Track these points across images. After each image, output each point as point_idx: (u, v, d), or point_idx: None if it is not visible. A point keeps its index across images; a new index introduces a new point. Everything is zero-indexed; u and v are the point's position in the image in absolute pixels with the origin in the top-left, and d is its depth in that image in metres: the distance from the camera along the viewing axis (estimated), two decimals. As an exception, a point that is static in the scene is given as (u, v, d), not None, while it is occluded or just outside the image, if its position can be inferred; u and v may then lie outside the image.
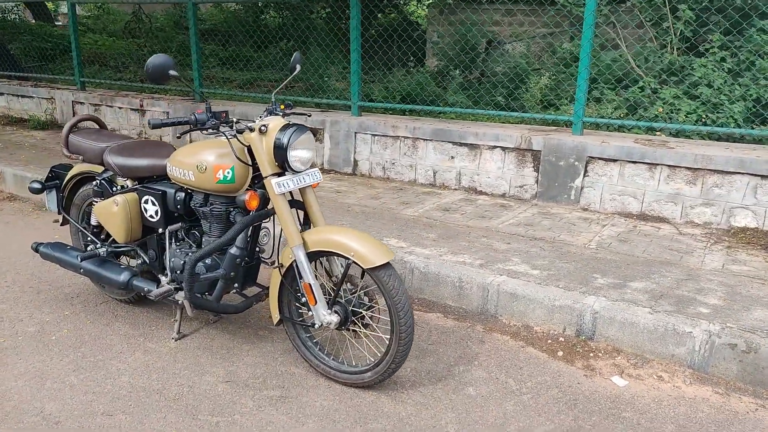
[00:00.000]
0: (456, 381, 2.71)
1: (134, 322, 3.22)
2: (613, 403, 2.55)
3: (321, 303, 2.54)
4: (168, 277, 2.85)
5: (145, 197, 2.89)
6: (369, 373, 2.57)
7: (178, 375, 2.74)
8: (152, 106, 7.37)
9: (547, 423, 2.41)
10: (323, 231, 2.55)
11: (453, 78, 8.61)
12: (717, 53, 5.72)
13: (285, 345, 2.99)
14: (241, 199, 2.51)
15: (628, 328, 2.86)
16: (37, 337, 3.05)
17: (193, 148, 2.69)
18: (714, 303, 2.99)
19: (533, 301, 3.10)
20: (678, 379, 2.70)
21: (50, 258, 3.23)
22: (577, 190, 4.74)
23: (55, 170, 3.41)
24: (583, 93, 4.82)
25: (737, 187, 4.19)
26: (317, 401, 2.56)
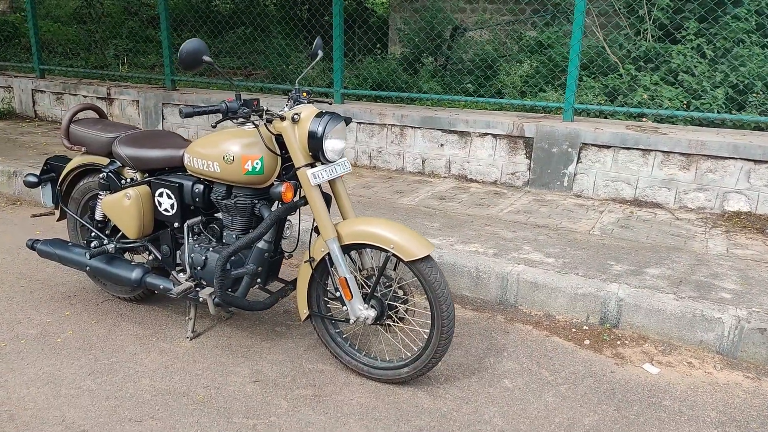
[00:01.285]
0: (490, 373, 2.67)
1: (142, 321, 3.06)
2: (651, 391, 2.55)
3: (357, 297, 2.45)
4: (187, 273, 2.71)
5: (160, 190, 2.73)
6: (406, 368, 2.50)
7: (202, 376, 2.61)
8: (120, 95, 7.05)
9: (591, 414, 2.40)
10: (358, 223, 2.45)
11: (424, 65, 8.57)
12: (693, 40, 5.83)
13: (307, 341, 2.90)
14: (277, 191, 2.39)
15: (655, 315, 2.87)
16: (40, 340, 2.86)
17: (215, 138, 2.55)
18: (732, 288, 3.03)
19: (555, 289, 3.09)
20: (708, 365, 2.74)
21: (50, 256, 3.03)
22: (570, 177, 4.76)
23: (51, 162, 3.19)
24: (574, 80, 4.84)
25: (730, 172, 4.28)
26: (353, 399, 2.48)
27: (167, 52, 6.78)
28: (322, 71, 8.26)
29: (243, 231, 2.64)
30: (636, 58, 6.11)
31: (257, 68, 10.77)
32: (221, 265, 2.44)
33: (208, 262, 2.63)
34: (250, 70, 10.99)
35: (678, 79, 5.59)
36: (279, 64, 8.88)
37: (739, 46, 5.67)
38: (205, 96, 6.38)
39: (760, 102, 5.33)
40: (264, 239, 2.53)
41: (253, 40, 10.08)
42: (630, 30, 6.74)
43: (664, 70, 5.78)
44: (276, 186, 2.40)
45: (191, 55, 2.19)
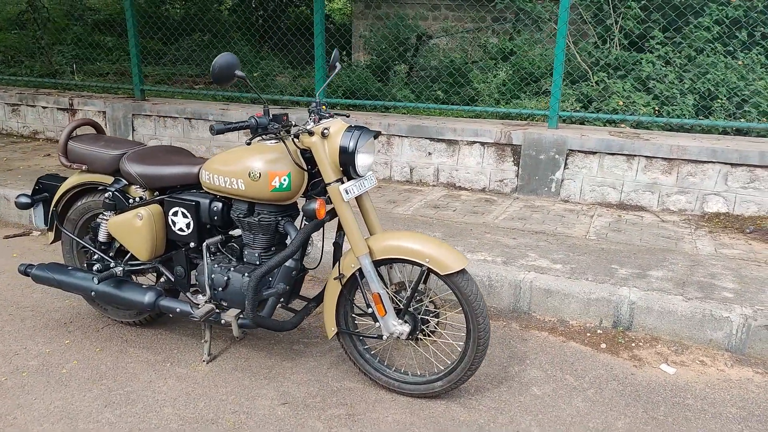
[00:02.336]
0: (517, 382, 2.68)
1: (151, 346, 2.94)
2: (673, 391, 2.63)
3: (391, 313, 2.43)
4: (207, 294, 2.61)
5: (175, 209, 2.63)
6: (440, 382, 2.49)
7: (227, 401, 2.52)
8: (85, 105, 6.77)
9: (623, 417, 2.44)
10: (389, 237, 2.43)
11: (396, 73, 8.60)
12: (660, 49, 6.08)
13: (328, 359, 2.84)
14: (311, 208, 2.33)
15: (666, 317, 2.96)
16: (44, 372, 2.70)
17: (237, 155, 2.48)
18: (732, 287, 3.16)
19: (568, 295, 3.14)
20: (719, 363, 2.84)
21: (47, 281, 2.87)
22: (557, 183, 4.86)
23: (43, 182, 3.03)
24: (558, 87, 4.95)
25: (709, 176, 4.46)
26: (388, 416, 2.44)
27: (135, 60, 6.56)
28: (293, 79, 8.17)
29: (265, 249, 2.57)
30: (605, 66, 6.30)
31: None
32: (254, 285, 2.37)
33: (230, 282, 2.55)
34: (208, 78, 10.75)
35: (649, 86, 5.80)
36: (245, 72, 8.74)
37: (702, 54, 5.93)
38: (180, 106, 6.20)
39: (725, 108, 5.59)
40: (293, 258, 2.47)
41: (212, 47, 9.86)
42: (597, 39, 6.95)
43: (634, 78, 5.98)
44: (309, 203, 2.35)
45: (224, 70, 2.12)
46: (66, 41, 11.53)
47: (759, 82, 5.69)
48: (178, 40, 11.27)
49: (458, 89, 6.87)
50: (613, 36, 6.58)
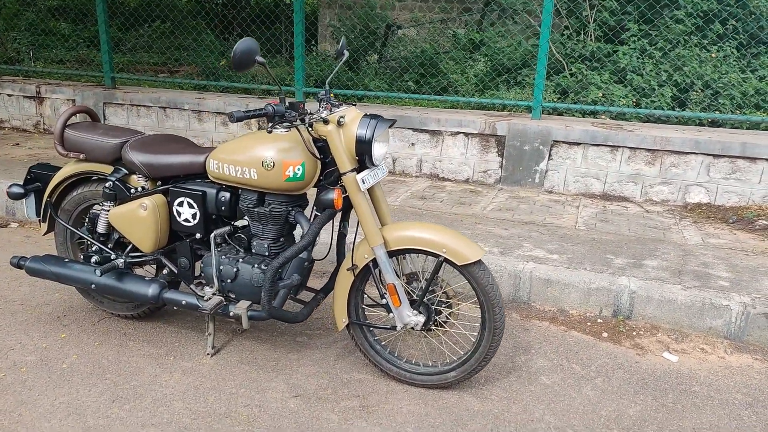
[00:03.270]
0: (525, 371, 2.71)
1: (151, 339, 2.86)
2: (678, 378, 2.69)
3: (405, 304, 2.41)
4: (214, 286, 2.55)
5: (180, 199, 2.55)
6: (453, 372, 2.49)
7: (237, 394, 2.47)
8: (53, 93, 6.55)
9: (634, 405, 2.49)
10: (403, 228, 2.41)
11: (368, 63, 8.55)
12: (636, 41, 6.18)
13: (334, 350, 2.82)
14: (329, 198, 2.29)
15: (666, 306, 3.02)
16: (43, 367, 2.61)
17: (247, 143, 2.42)
18: (726, 276, 3.25)
19: (568, 285, 3.17)
20: (719, 350, 2.91)
21: (42, 274, 2.76)
22: (541, 174, 4.91)
23: (35, 171, 2.91)
24: (542, 78, 4.99)
25: (692, 166, 4.57)
26: (402, 407, 2.44)
27: (106, 47, 6.35)
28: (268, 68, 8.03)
29: (274, 240, 2.53)
30: (583, 58, 6.38)
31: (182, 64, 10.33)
32: (271, 277, 2.32)
33: (240, 274, 2.50)
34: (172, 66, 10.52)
35: (627, 78, 5.90)
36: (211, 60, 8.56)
37: (678, 47, 6.06)
38: (154, 95, 6.05)
39: (700, 99, 5.73)
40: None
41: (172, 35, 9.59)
42: (572, 31, 7.03)
43: (611, 70, 6.07)
44: (326, 192, 2.31)
45: (245, 55, 2.06)
46: (20, 27, 11.11)
47: (731, 74, 5.85)
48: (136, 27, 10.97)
49: (429, 79, 6.86)
50: (587, 28, 6.66)
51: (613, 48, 6.20)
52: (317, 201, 2.39)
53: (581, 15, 6.73)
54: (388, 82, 7.45)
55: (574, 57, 6.51)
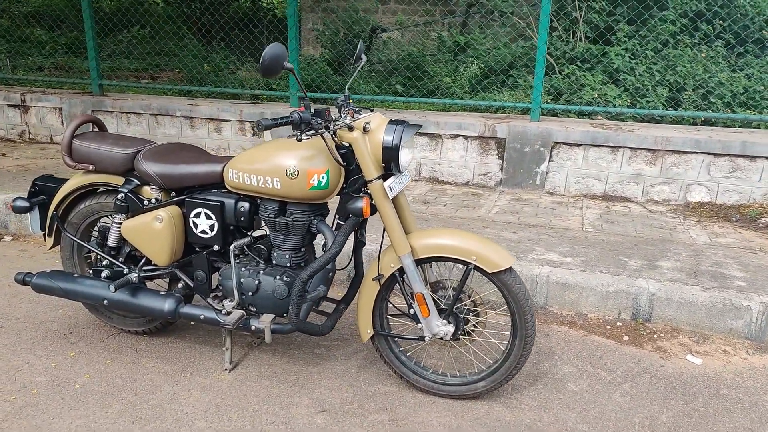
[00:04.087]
0: (551, 378, 2.67)
1: (164, 356, 2.76)
2: (706, 382, 2.66)
3: (434, 313, 2.36)
4: (235, 299, 2.46)
5: (197, 210, 2.46)
6: (483, 382, 2.44)
7: (261, 411, 2.39)
8: (39, 102, 6.37)
9: (666, 411, 2.46)
10: (430, 235, 2.35)
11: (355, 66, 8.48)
12: (627, 42, 6.21)
13: (354, 362, 2.75)
14: (358, 207, 2.22)
15: (686, 307, 3.01)
16: (55, 388, 2.49)
17: (266, 152, 2.34)
18: (741, 275, 3.24)
19: (586, 289, 3.14)
20: (741, 351, 2.90)
21: (50, 290, 2.65)
22: (542, 175, 4.90)
23: (39, 184, 2.80)
24: (541, 80, 4.98)
25: (693, 166, 4.59)
26: (433, 419, 2.38)
27: (93, 54, 6.20)
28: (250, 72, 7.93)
29: (295, 250, 2.45)
30: (573, 59, 6.39)
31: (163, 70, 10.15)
32: (300, 289, 2.25)
33: (261, 286, 2.42)
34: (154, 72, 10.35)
35: (618, 79, 5.92)
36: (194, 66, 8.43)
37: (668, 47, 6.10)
38: (144, 102, 5.91)
39: (692, 99, 5.77)
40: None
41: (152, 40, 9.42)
42: (562, 32, 7.05)
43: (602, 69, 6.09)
44: (355, 201, 2.24)
45: (274, 61, 1.99)
46: (-6, 35, 10.86)
47: (721, 74, 5.91)
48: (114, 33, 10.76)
49: (416, 82, 6.83)
50: (578, 29, 6.68)
51: (603, 49, 6.22)
52: (342, 209, 2.32)
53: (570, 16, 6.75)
54: (375, 85, 7.40)
55: (565, 58, 6.53)
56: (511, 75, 6.69)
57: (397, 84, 7.32)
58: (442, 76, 7.31)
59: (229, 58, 8.98)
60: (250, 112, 5.51)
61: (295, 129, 2.16)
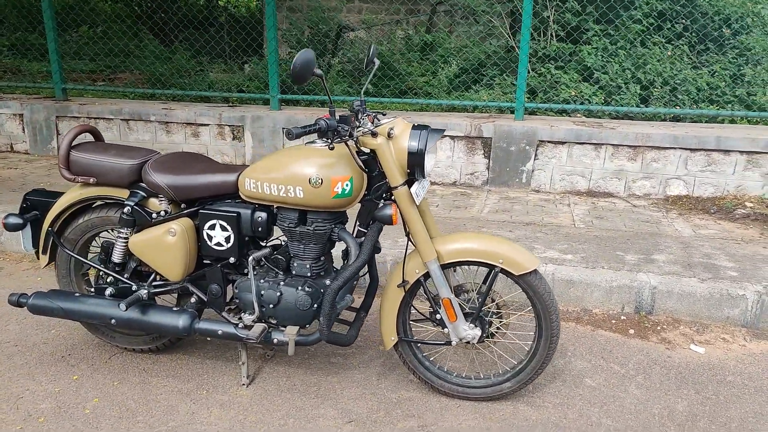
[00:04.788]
0: (568, 375, 2.70)
1: (175, 374, 2.67)
2: (712, 370, 2.75)
3: (461, 318, 2.35)
4: (255, 313, 2.40)
5: (212, 222, 2.38)
6: (508, 383, 2.45)
7: (287, 425, 2.34)
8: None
9: (680, 400, 2.52)
10: (455, 240, 2.35)
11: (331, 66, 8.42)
12: (598, 41, 6.36)
13: (373, 369, 2.72)
14: (387, 214, 2.19)
15: (686, 299, 3.10)
16: (63, 415, 2.37)
17: (285, 160, 2.28)
18: (731, 266, 3.37)
19: (591, 284, 3.20)
20: (739, 338, 3.01)
21: (51, 311, 2.51)
22: (528, 174, 4.97)
23: (31, 198, 2.65)
24: (524, 79, 5.05)
25: (671, 161, 4.74)
26: (462, 423, 2.37)
27: (55, 57, 5.94)
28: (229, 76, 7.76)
29: (315, 260, 2.40)
30: (547, 58, 6.51)
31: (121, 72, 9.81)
32: (331, 300, 2.20)
33: (283, 298, 2.36)
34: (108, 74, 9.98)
35: (594, 77, 6.06)
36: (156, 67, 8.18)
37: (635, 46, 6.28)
38: (114, 106, 5.70)
39: (661, 96, 5.96)
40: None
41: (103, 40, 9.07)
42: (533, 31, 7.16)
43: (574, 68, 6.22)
44: (383, 208, 2.21)
45: (305, 67, 1.94)
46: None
47: (686, 71, 6.12)
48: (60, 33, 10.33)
49: (387, 82, 6.83)
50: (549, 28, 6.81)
51: (575, 48, 6.35)
52: (363, 216, 2.29)
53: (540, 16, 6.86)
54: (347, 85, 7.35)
55: (537, 57, 6.63)
56: (486, 74, 6.76)
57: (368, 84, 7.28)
58: (416, 76, 7.32)
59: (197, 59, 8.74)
60: (229, 115, 5.39)
61: (321, 137, 2.12)
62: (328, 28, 9.21)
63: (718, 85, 6.09)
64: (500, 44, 7.00)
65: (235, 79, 7.78)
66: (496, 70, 6.64)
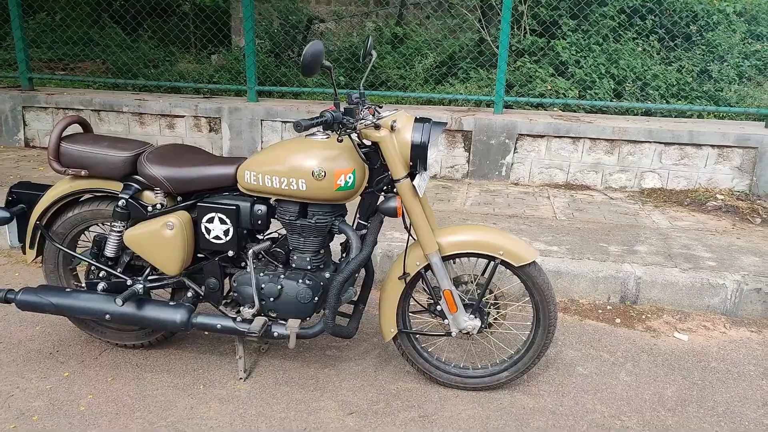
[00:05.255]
0: (561, 363, 2.76)
1: (169, 368, 2.63)
2: (697, 356, 2.85)
3: (461, 309, 2.38)
4: (255, 306, 2.38)
5: (210, 215, 2.35)
6: (506, 373, 2.49)
7: (288, 419, 2.34)
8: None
9: (669, 386, 2.61)
10: (455, 232, 2.38)
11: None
12: (571, 36, 6.47)
13: (370, 361, 2.73)
14: (392, 206, 2.20)
15: (669, 288, 3.20)
16: (59, 412, 2.32)
17: (286, 153, 2.26)
18: (708, 256, 3.48)
19: (578, 275, 3.27)
20: (720, 326, 3.12)
21: (41, 307, 2.45)
22: (507, 167, 5.03)
23: (17, 192, 2.57)
24: (503, 73, 5.10)
25: (646, 154, 4.86)
26: (462, 412, 2.41)
27: (21, 45, 5.74)
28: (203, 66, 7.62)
29: (315, 253, 2.40)
30: (521, 52, 6.59)
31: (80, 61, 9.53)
32: (336, 292, 2.20)
33: (284, 291, 2.35)
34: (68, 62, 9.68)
35: (568, 71, 6.16)
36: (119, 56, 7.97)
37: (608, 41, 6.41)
38: (85, 97, 5.54)
39: (633, 90, 6.11)
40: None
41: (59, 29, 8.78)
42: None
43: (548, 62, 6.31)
44: (387, 201, 2.22)
45: (314, 59, 1.93)
46: None
47: (656, 67, 6.29)
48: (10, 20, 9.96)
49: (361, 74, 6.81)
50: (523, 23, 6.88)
51: (548, 42, 6.44)
52: (366, 209, 2.30)
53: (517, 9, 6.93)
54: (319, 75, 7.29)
55: (512, 51, 6.70)
56: (461, 67, 6.80)
57: (340, 76, 7.25)
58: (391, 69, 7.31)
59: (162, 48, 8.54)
60: (206, 107, 5.30)
61: (326, 129, 2.11)
62: (297, 20, 9.12)
63: (687, 81, 6.28)
64: (472, 38, 7.05)
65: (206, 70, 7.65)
66: (471, 64, 6.69)
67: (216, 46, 9.83)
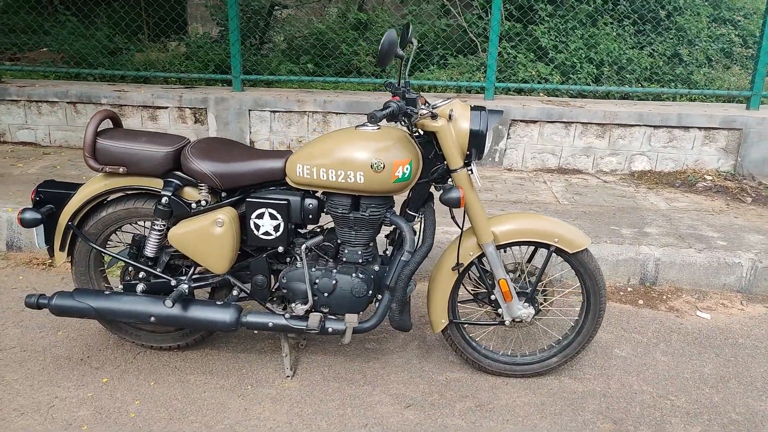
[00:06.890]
0: (598, 347, 2.82)
1: (211, 370, 2.55)
2: (723, 333, 2.95)
3: (515, 297, 2.39)
4: (309, 302, 2.32)
5: (260, 210, 2.28)
6: (555, 358, 2.52)
7: (346, 415, 2.30)
8: None
9: (706, 364, 2.70)
10: (508, 221, 2.38)
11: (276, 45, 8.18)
12: (549, 21, 6.55)
13: (412, 353, 2.72)
14: (454, 197, 2.16)
15: (688, 269, 3.30)
16: (107, 421, 2.22)
17: (339, 144, 2.21)
18: (716, 235, 3.61)
19: (599, 259, 3.31)
20: (737, 303, 3.24)
21: (79, 311, 2.32)
22: (501, 153, 5.07)
23: (44, 191, 2.42)
24: (494, 59, 5.12)
25: (636, 138, 4.98)
26: (516, 400, 2.43)
27: (-13, 36, 5.39)
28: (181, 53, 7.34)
29: (366, 246, 2.36)
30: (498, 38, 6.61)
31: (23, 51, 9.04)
32: (404, 285, 2.17)
33: (338, 285, 2.30)
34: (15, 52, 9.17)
35: (549, 56, 6.24)
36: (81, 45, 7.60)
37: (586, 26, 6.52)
38: (60, 88, 5.27)
39: (610, 75, 6.24)
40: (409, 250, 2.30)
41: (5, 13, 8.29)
42: (480, 10, 7.26)
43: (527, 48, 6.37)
44: (450, 191, 2.19)
45: (391, 48, 1.89)
46: None
47: (630, 51, 6.44)
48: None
49: (331, 61, 6.73)
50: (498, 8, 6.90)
51: (526, 28, 6.50)
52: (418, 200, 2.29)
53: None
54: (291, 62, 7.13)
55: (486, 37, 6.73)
56: (439, 53, 6.78)
57: (309, 63, 7.12)
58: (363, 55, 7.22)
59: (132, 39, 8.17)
60: (190, 97, 5.12)
61: (390, 120, 2.07)
62: (259, 5, 8.88)
63: (659, 65, 6.46)
64: (450, 23, 7.05)
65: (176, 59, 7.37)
66: (449, 50, 6.68)
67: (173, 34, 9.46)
